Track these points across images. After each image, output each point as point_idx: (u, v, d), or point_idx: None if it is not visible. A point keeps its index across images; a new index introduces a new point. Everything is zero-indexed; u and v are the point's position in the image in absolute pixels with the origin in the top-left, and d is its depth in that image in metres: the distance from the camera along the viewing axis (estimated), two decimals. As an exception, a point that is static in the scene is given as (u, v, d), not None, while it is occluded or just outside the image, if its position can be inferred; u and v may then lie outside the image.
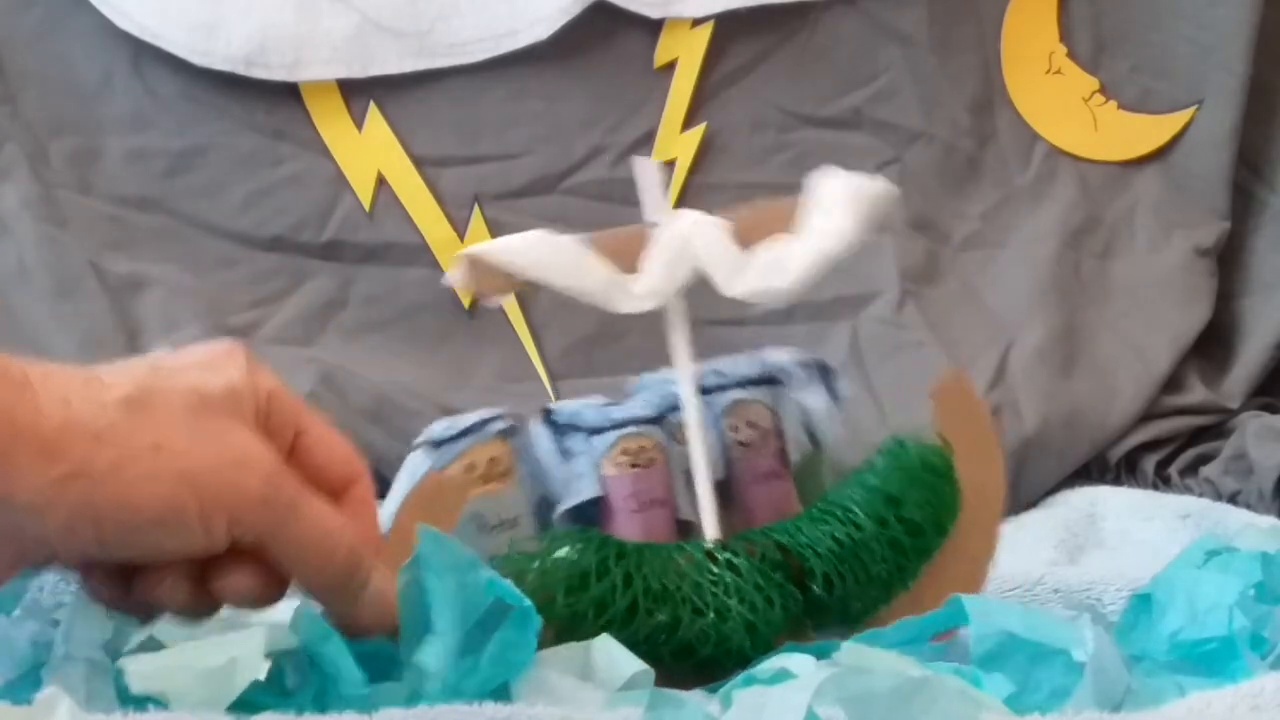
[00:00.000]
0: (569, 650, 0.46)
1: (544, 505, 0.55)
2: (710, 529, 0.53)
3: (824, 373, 0.59)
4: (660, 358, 0.58)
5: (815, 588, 0.51)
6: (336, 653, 0.43)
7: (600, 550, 0.49)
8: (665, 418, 0.55)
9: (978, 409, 0.57)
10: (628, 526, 0.53)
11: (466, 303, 1.00)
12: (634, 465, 0.54)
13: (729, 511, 0.55)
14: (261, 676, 0.43)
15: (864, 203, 0.53)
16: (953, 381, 0.57)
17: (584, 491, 0.54)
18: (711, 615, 0.49)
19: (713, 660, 0.49)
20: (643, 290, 0.52)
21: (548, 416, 0.56)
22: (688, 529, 0.54)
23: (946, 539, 0.53)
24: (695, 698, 0.46)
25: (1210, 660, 0.49)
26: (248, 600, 0.44)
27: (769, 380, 0.56)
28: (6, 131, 0.98)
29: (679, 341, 0.53)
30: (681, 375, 0.53)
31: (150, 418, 0.41)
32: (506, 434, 0.54)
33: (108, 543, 0.41)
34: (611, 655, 0.46)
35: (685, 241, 0.52)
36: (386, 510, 0.51)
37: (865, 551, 0.52)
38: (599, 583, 0.49)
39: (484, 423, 0.54)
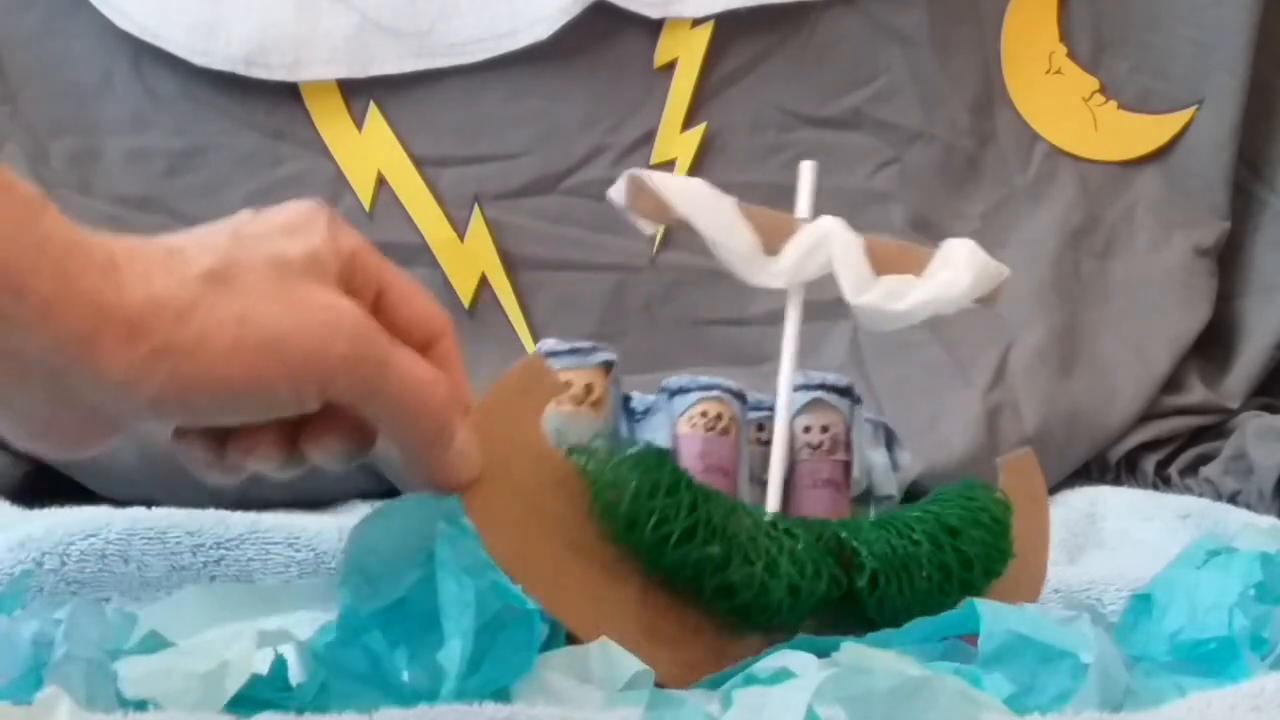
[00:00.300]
0: (569, 652, 0.46)
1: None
2: (774, 505, 0.54)
3: (888, 437, 0.62)
4: (660, 359, 0.58)
5: (860, 581, 0.52)
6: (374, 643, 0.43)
7: (675, 472, 0.50)
8: (747, 399, 0.57)
9: (1040, 492, 0.58)
10: None
11: (467, 303, 1.00)
12: (708, 429, 0.56)
13: (783, 510, 0.57)
14: (264, 670, 0.43)
15: (983, 271, 0.57)
16: (1023, 459, 0.58)
17: (656, 440, 0.56)
18: (761, 565, 0.50)
19: (749, 608, 0.50)
20: (777, 269, 0.55)
21: (626, 404, 0.58)
22: None
23: (990, 586, 0.53)
24: (695, 697, 0.46)
25: (1210, 660, 0.49)
26: (337, 458, 0.44)
27: (849, 393, 0.58)
28: (6, 131, 0.98)
29: (791, 326, 0.55)
30: (785, 355, 0.55)
31: (233, 289, 0.41)
32: (609, 367, 0.56)
33: (199, 413, 0.41)
34: (611, 657, 0.46)
35: (826, 240, 0.55)
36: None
37: (915, 565, 0.52)
38: (668, 497, 0.49)
39: (593, 349, 0.56)
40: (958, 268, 0.56)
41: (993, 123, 1.07)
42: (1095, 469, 0.97)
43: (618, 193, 0.54)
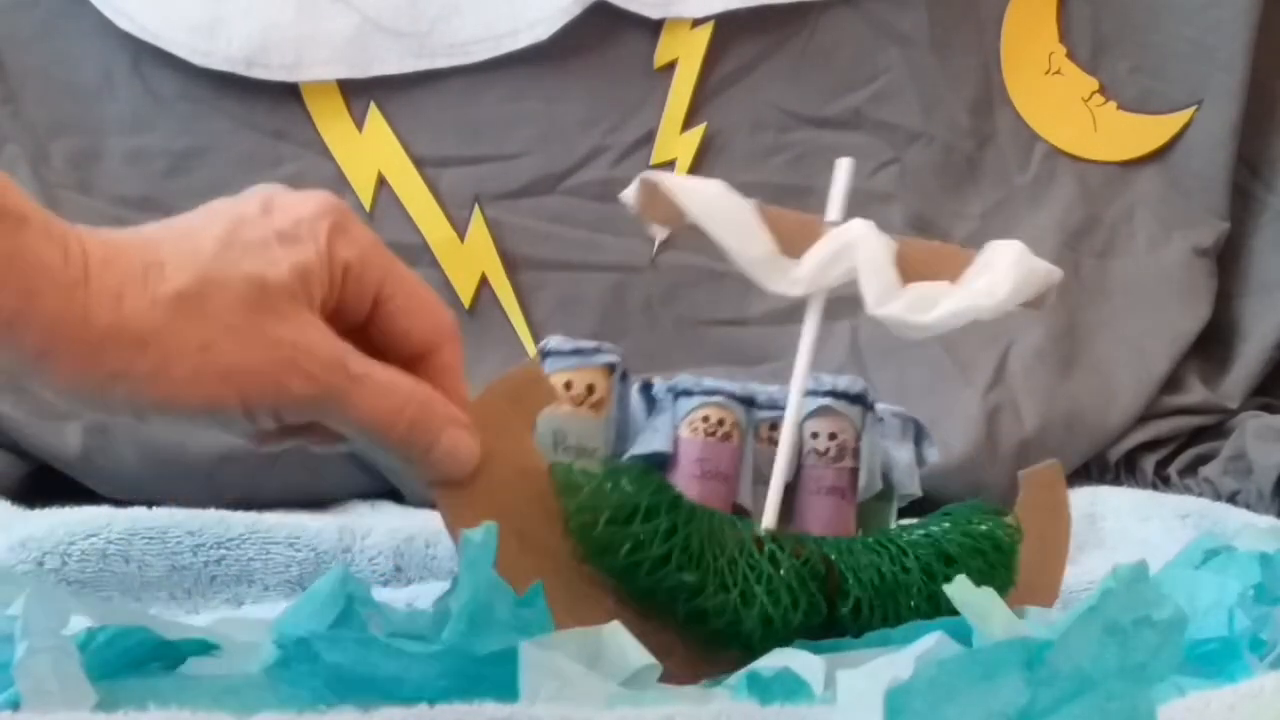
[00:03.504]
0: (580, 634, 0.46)
1: (619, 455, 0.57)
2: (769, 521, 0.53)
3: (917, 433, 0.61)
4: (660, 360, 0.58)
5: (844, 609, 0.51)
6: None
7: (656, 494, 0.50)
8: (755, 403, 0.56)
9: (1062, 507, 0.57)
10: (687, 489, 0.54)
11: (467, 303, 1.00)
12: (709, 434, 0.55)
13: (786, 515, 0.56)
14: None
15: (1026, 275, 0.54)
16: (1046, 472, 0.57)
17: (654, 444, 0.56)
18: (736, 594, 0.49)
19: (721, 636, 0.50)
20: (797, 275, 0.53)
21: (646, 388, 0.57)
22: (743, 515, 0.55)
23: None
24: (695, 694, 0.47)
25: (1210, 660, 0.49)
26: (333, 445, 0.46)
27: (861, 401, 0.57)
28: (7, 132, 0.98)
29: (808, 334, 0.54)
30: (799, 365, 0.54)
31: (201, 316, 0.41)
32: (612, 368, 0.55)
33: (157, 424, 0.43)
34: (622, 645, 0.46)
35: (851, 246, 0.53)
36: None
37: (903, 594, 0.52)
38: (644, 523, 0.49)
39: (597, 350, 0.55)
40: (998, 274, 0.54)
41: (992, 123, 1.07)
42: (1095, 469, 0.97)
43: (630, 196, 0.53)
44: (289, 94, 1.00)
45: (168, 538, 0.63)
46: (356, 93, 1.00)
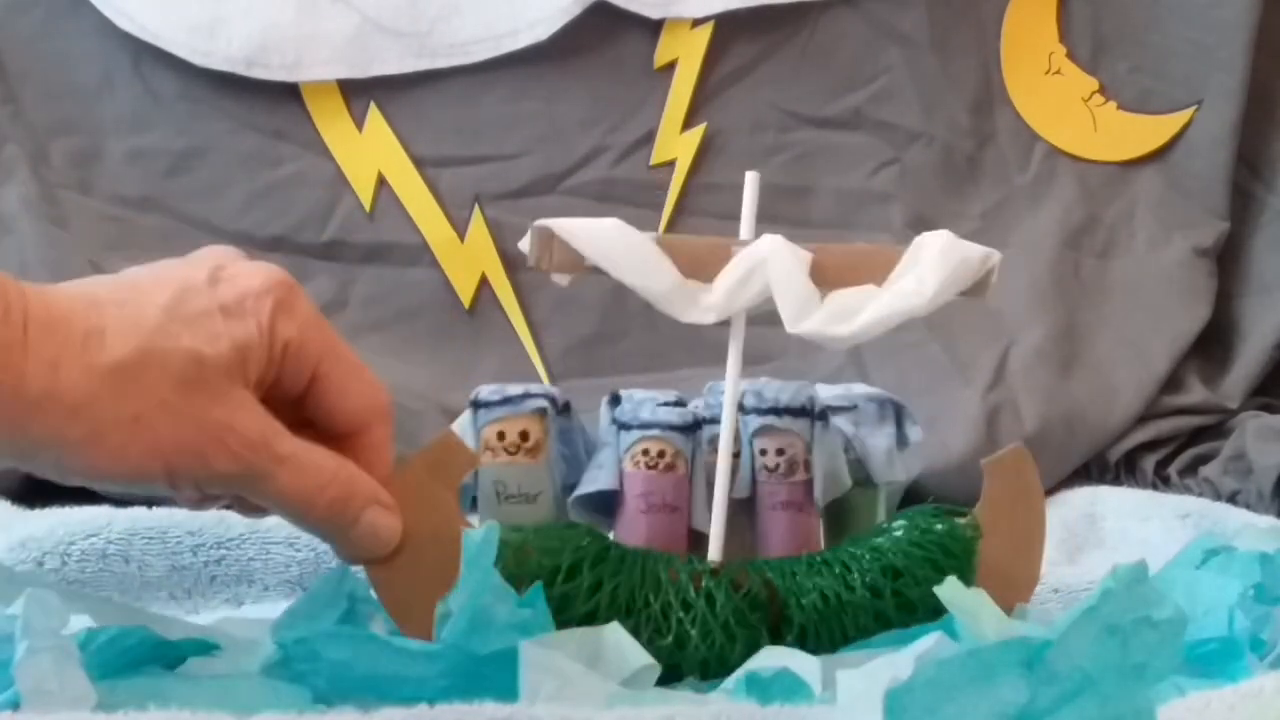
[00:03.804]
0: (582, 634, 0.46)
1: (571, 489, 0.56)
2: (714, 551, 0.53)
3: (897, 413, 0.60)
4: (660, 359, 0.58)
5: (788, 637, 0.51)
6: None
7: (577, 552, 0.50)
8: (701, 426, 0.55)
9: (1033, 492, 0.55)
10: (634, 524, 0.54)
11: (467, 303, 1.01)
12: (650, 467, 0.54)
13: (746, 531, 0.56)
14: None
15: (957, 265, 0.53)
16: (1014, 457, 0.55)
17: (599, 481, 0.55)
18: (670, 640, 0.49)
19: (663, 680, 0.49)
20: (709, 303, 0.52)
21: (615, 400, 0.57)
22: (700, 541, 0.54)
23: (941, 620, 0.51)
24: (684, 697, 0.47)
25: (1210, 660, 0.49)
26: (260, 510, 0.47)
27: (806, 413, 0.56)
28: (7, 132, 0.98)
29: (733, 359, 0.54)
30: (727, 393, 0.54)
31: (136, 389, 0.42)
32: (542, 413, 0.55)
33: (84, 484, 0.44)
34: (621, 644, 0.46)
35: (760, 264, 0.52)
36: None
37: (849, 615, 0.51)
38: (566, 582, 0.49)
39: (525, 396, 0.55)
40: (924, 270, 0.52)
41: (992, 123, 1.07)
42: (1095, 469, 0.97)
43: (525, 247, 0.52)
44: (289, 94, 1.00)
45: (168, 538, 0.64)
46: (356, 93, 1.01)
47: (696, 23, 1.02)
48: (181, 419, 0.43)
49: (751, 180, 0.54)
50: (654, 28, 1.02)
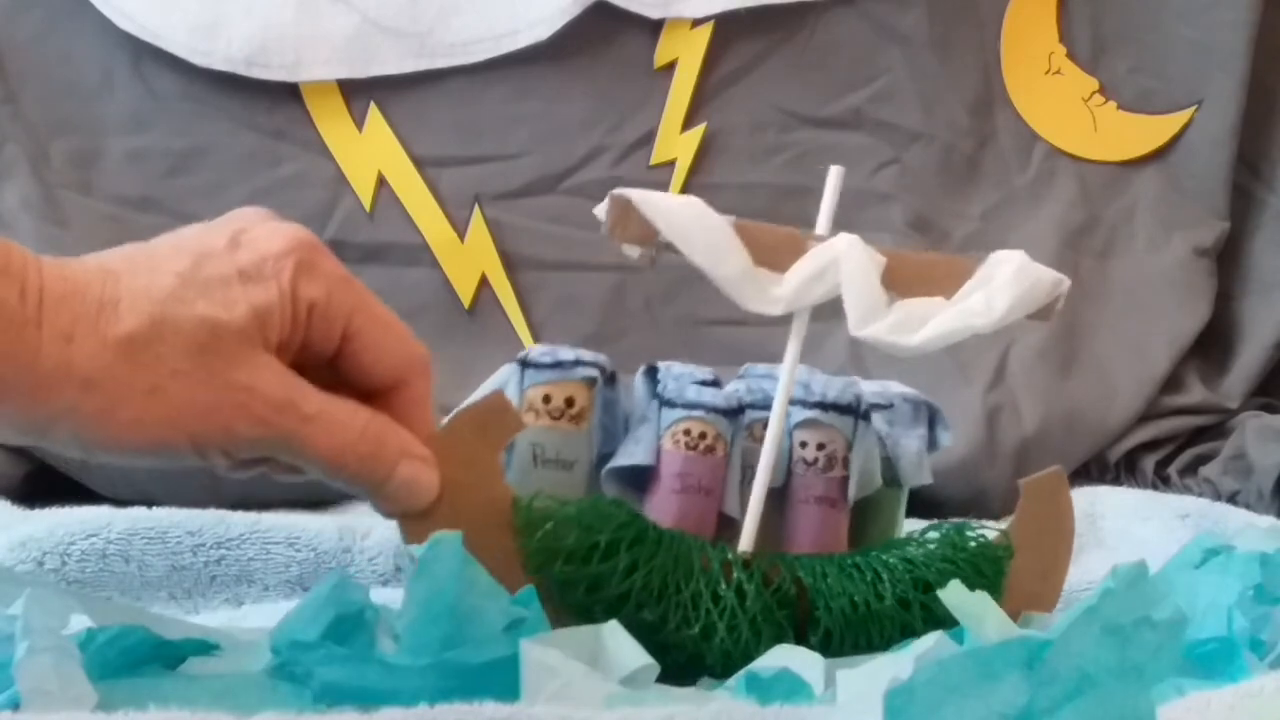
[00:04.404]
0: (582, 633, 0.46)
1: (608, 460, 0.56)
2: (746, 542, 0.53)
3: (931, 416, 0.60)
4: (660, 358, 0.58)
5: (813, 638, 0.51)
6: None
7: (617, 531, 0.49)
8: (744, 412, 0.55)
9: (1065, 515, 0.56)
10: (666, 503, 0.54)
11: (467, 303, 1.01)
12: (690, 448, 0.54)
13: (775, 521, 0.56)
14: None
15: (1029, 288, 0.53)
16: (1050, 480, 0.55)
17: (636, 456, 0.55)
18: (697, 630, 0.49)
19: (683, 667, 0.49)
20: (778, 294, 0.52)
21: (651, 372, 0.56)
22: (728, 525, 0.54)
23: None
24: (689, 695, 0.47)
25: (1209, 660, 0.49)
26: (296, 474, 0.47)
27: (851, 410, 0.56)
28: (7, 132, 0.98)
29: (791, 352, 0.53)
30: (781, 386, 0.53)
31: (150, 360, 0.42)
32: (591, 382, 0.55)
33: (104, 459, 0.43)
34: (621, 643, 0.46)
35: (834, 262, 0.52)
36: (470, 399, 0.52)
37: (875, 624, 0.51)
38: (602, 562, 0.49)
39: (576, 363, 0.55)
40: (995, 289, 0.52)
41: (992, 123, 1.07)
42: (1095, 469, 0.97)
43: (602, 213, 0.51)
44: (289, 94, 1.00)
45: (168, 538, 0.64)
46: (356, 93, 1.00)
47: (696, 23, 1.02)
48: (199, 387, 0.42)
49: (835, 174, 0.53)
50: (654, 28, 1.02)
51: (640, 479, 0.55)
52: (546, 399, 0.54)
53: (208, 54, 0.98)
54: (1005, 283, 0.52)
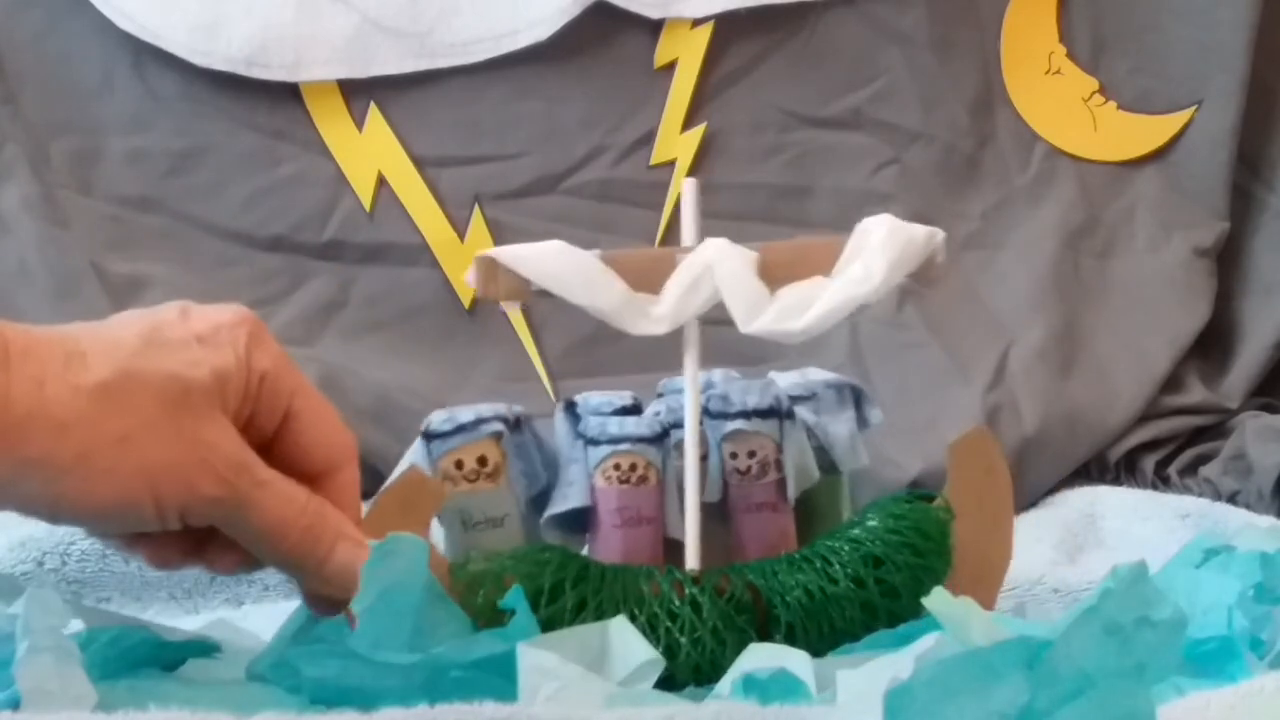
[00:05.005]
0: (580, 634, 0.46)
1: (538, 504, 0.55)
2: (691, 559, 0.53)
3: (856, 397, 0.59)
4: (660, 359, 0.58)
5: (778, 636, 0.51)
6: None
7: (559, 572, 0.50)
8: (669, 434, 0.55)
9: (998, 470, 0.56)
10: (610, 540, 0.54)
11: (467, 303, 1.01)
12: (623, 481, 0.54)
13: (721, 534, 0.55)
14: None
15: (903, 248, 0.53)
16: (976, 438, 0.56)
17: (571, 499, 0.54)
18: (661, 649, 0.49)
19: (659, 687, 0.49)
20: (659, 313, 0.52)
21: (570, 407, 0.56)
22: (676, 549, 0.54)
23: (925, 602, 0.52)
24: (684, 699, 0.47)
25: (1209, 660, 0.49)
26: (232, 571, 0.47)
27: (775, 413, 0.56)
28: (7, 132, 0.98)
29: (690, 367, 0.53)
30: (688, 402, 0.53)
31: (121, 408, 0.42)
32: (498, 436, 0.54)
33: (64, 521, 0.43)
34: (626, 639, 0.46)
35: (707, 269, 0.52)
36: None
37: (835, 608, 0.51)
38: (550, 605, 0.49)
39: (478, 422, 0.54)
40: (870, 255, 0.52)
41: (992, 123, 1.07)
42: (1095, 469, 0.97)
43: (471, 279, 0.52)
44: (289, 94, 1.00)
45: (168, 538, 0.63)
46: (356, 93, 1.00)
47: (696, 23, 1.02)
48: (168, 440, 0.42)
49: (690, 187, 0.54)
50: (654, 28, 1.02)
51: (579, 521, 0.55)
52: (459, 464, 0.53)
53: (208, 54, 0.98)
54: (878, 247, 0.52)
